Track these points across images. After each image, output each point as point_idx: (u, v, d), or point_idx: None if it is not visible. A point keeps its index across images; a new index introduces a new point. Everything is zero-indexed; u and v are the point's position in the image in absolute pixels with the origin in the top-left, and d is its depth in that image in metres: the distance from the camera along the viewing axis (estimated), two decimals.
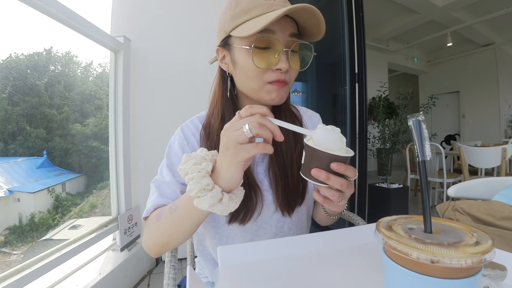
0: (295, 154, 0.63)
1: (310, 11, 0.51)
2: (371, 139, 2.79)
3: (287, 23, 0.54)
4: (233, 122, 0.42)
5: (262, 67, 0.54)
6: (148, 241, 0.54)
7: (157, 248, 0.53)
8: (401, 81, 7.56)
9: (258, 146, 0.41)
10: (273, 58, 0.54)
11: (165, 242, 0.52)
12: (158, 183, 0.59)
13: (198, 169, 0.43)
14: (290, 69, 0.56)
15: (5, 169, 1.57)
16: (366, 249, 0.49)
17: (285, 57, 0.54)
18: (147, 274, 1.87)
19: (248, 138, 0.40)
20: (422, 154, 0.34)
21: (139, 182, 1.91)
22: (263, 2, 0.52)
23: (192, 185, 0.42)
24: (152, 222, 0.53)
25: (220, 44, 0.60)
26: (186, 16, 2.02)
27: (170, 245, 0.52)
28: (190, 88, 2.01)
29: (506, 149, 2.99)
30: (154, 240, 0.53)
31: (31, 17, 1.28)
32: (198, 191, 0.42)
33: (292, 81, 0.60)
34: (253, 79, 0.56)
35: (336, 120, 2.25)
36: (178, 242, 0.52)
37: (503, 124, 6.16)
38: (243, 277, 0.43)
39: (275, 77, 0.55)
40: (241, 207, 0.59)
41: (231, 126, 0.42)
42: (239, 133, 0.40)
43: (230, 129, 0.42)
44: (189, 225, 0.49)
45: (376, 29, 5.45)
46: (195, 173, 0.43)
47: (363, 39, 2.01)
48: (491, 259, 0.24)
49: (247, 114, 0.42)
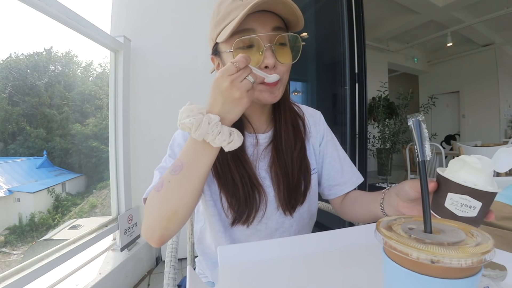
0: (295, 153, 0.63)
1: (281, 2, 0.50)
2: (371, 139, 2.80)
3: (268, 18, 0.53)
4: (232, 72, 0.44)
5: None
6: (149, 223, 0.48)
7: (162, 225, 0.47)
8: (401, 81, 7.55)
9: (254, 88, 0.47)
10: (258, 56, 0.53)
11: (171, 212, 0.46)
12: (162, 169, 0.60)
13: (191, 108, 0.45)
14: (278, 64, 0.55)
15: (5, 169, 1.57)
16: (366, 249, 0.49)
17: (269, 53, 0.53)
18: (147, 274, 1.87)
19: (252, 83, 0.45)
20: (422, 154, 0.34)
21: (139, 182, 1.91)
22: (241, 4, 0.51)
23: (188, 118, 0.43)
24: (154, 197, 0.49)
25: (212, 53, 0.62)
26: (186, 16, 2.02)
27: (177, 214, 0.46)
28: (190, 88, 2.01)
29: None
30: (157, 216, 0.47)
31: (31, 17, 1.28)
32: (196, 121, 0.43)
33: (286, 76, 0.58)
34: None
35: (336, 120, 2.25)
36: (186, 210, 0.47)
37: (503, 124, 6.16)
38: (243, 277, 0.43)
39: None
40: (244, 208, 0.59)
41: (235, 77, 0.44)
42: (246, 83, 0.44)
43: (236, 80, 0.44)
44: (199, 176, 0.47)
45: (376, 29, 5.44)
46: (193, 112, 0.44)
47: (363, 39, 2.01)
48: (491, 259, 0.24)
49: (239, 60, 0.44)
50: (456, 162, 0.37)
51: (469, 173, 0.34)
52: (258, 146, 0.65)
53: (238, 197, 0.59)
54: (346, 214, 0.71)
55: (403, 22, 5.04)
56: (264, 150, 0.65)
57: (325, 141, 0.72)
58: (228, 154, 0.58)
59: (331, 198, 0.74)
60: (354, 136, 2.02)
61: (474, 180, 0.34)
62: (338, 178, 0.71)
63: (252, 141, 0.64)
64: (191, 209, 0.48)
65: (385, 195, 0.55)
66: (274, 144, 0.64)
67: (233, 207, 0.60)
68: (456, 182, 0.35)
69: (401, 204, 0.50)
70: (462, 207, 0.35)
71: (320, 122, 0.74)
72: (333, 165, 0.71)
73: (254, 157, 0.63)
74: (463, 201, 0.35)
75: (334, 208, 0.76)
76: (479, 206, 0.33)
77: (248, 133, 0.64)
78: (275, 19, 0.54)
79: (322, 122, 0.74)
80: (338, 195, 0.72)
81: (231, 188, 0.59)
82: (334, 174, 0.71)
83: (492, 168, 0.34)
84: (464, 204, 0.35)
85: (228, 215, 0.61)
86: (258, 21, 0.52)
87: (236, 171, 0.59)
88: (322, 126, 0.74)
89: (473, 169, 0.34)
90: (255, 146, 0.64)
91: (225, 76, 0.44)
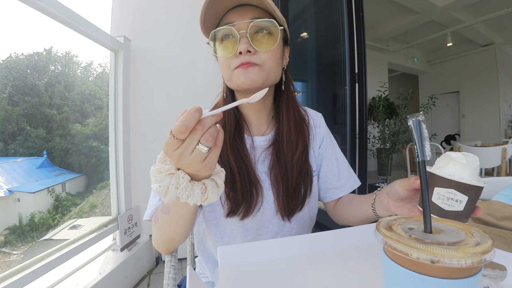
0: (295, 156, 0.63)
1: None
2: (371, 139, 2.80)
3: (247, 10, 0.57)
4: (175, 146, 0.34)
5: (223, 55, 0.58)
6: (156, 241, 0.55)
7: (165, 245, 0.55)
8: (401, 81, 7.55)
9: (217, 145, 0.37)
10: (234, 44, 0.56)
11: (169, 239, 0.53)
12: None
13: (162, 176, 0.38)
14: (256, 51, 0.56)
15: (5, 169, 1.57)
16: (366, 249, 0.49)
17: (244, 40, 0.55)
18: (147, 274, 1.87)
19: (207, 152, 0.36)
20: (422, 154, 0.34)
21: (139, 182, 1.91)
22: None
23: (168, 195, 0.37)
24: (154, 224, 0.55)
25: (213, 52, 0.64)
26: (186, 16, 2.02)
27: (175, 240, 0.53)
28: (190, 87, 2.01)
29: (506, 149, 2.99)
30: (160, 239, 0.54)
31: (31, 17, 1.28)
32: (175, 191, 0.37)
33: (267, 63, 0.57)
34: (224, 69, 0.60)
35: (336, 120, 2.25)
36: (182, 237, 0.53)
37: (503, 124, 6.15)
38: (243, 277, 0.43)
39: (239, 61, 0.57)
40: (241, 202, 0.60)
41: (181, 152, 0.35)
42: (196, 156, 0.35)
43: (183, 155, 0.35)
44: (184, 220, 0.49)
45: (376, 29, 5.44)
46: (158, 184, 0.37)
47: (363, 39, 2.01)
48: (491, 259, 0.24)
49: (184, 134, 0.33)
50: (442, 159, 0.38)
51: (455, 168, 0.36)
52: (255, 149, 0.64)
53: (235, 189, 0.59)
54: (338, 218, 0.71)
55: (403, 22, 5.04)
56: (263, 152, 0.64)
57: (325, 144, 0.72)
58: (227, 146, 0.60)
59: (326, 201, 0.74)
60: (354, 136, 2.02)
61: (460, 174, 0.35)
62: (334, 182, 0.71)
63: (250, 143, 0.64)
64: (186, 235, 0.53)
65: (376, 196, 0.56)
66: (275, 146, 0.64)
67: (230, 199, 0.60)
68: (442, 176, 0.36)
69: (392, 204, 0.50)
70: (448, 201, 0.36)
71: (321, 124, 0.74)
72: (330, 168, 0.71)
73: (252, 160, 0.63)
74: (449, 195, 0.36)
75: (327, 210, 0.76)
76: (465, 200, 0.34)
77: (246, 135, 0.65)
78: (255, 11, 0.57)
79: (322, 125, 0.74)
80: (333, 198, 0.72)
81: (230, 180, 0.59)
82: (331, 177, 0.71)
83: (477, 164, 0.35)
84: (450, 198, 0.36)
85: (224, 206, 0.61)
86: (238, 14, 0.56)
87: (234, 163, 0.60)
88: (323, 128, 0.74)
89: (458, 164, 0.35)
90: (252, 148, 0.64)
91: (170, 152, 0.35)
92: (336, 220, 0.73)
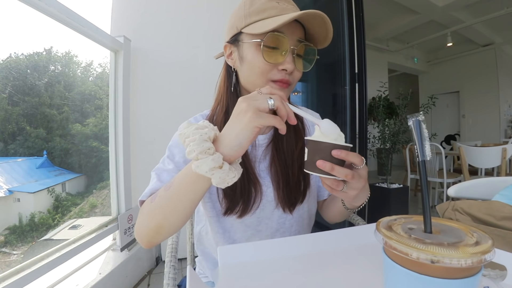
0: (296, 152, 0.64)
1: (321, 18, 0.53)
2: (371, 139, 2.79)
3: (296, 28, 0.56)
4: (253, 95, 0.44)
5: (270, 61, 0.55)
6: (140, 227, 0.51)
7: (149, 234, 0.49)
8: (401, 81, 7.55)
9: (276, 118, 0.42)
10: (280, 56, 0.55)
11: (157, 226, 0.48)
12: (159, 170, 0.59)
13: (200, 133, 0.42)
14: (294, 70, 0.58)
15: (5, 169, 1.57)
16: (366, 249, 0.49)
17: (291, 58, 0.56)
18: (147, 274, 1.87)
19: (269, 108, 0.42)
20: (422, 154, 0.34)
21: (139, 182, 1.91)
22: (276, 5, 0.55)
23: (192, 146, 0.40)
24: (146, 206, 0.51)
25: (230, 41, 0.62)
26: (186, 16, 2.02)
27: (162, 229, 0.48)
28: (190, 87, 2.01)
29: (506, 149, 2.99)
30: (146, 225, 0.49)
31: (31, 17, 1.28)
32: (199, 153, 0.40)
33: (295, 83, 0.61)
34: (258, 75, 0.57)
35: (336, 120, 2.24)
36: (171, 227, 0.48)
37: (503, 124, 6.15)
38: (243, 277, 0.43)
39: (280, 76, 0.57)
40: (239, 200, 0.60)
41: (251, 96, 0.43)
42: (261, 101, 0.42)
43: (251, 98, 0.43)
44: (184, 202, 0.46)
45: (376, 29, 5.44)
46: (197, 136, 0.41)
47: (363, 39, 2.01)
48: (491, 259, 0.24)
49: (268, 92, 0.44)
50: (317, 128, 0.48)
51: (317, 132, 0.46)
52: (257, 147, 0.65)
53: (233, 187, 0.59)
54: (325, 215, 0.73)
55: (403, 22, 5.04)
56: (264, 150, 0.65)
57: None
58: None
59: (318, 200, 0.75)
60: (354, 136, 2.02)
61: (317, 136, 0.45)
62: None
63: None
64: (175, 227, 0.49)
65: None
66: (275, 142, 0.65)
67: (227, 196, 0.60)
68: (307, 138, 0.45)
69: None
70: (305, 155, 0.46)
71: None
72: None
73: (252, 159, 0.63)
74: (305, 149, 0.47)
75: (319, 210, 0.77)
76: (307, 151, 0.45)
77: None
78: (302, 32, 0.58)
79: None
80: (324, 197, 0.74)
81: None
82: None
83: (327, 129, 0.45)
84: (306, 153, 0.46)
85: (222, 204, 0.61)
86: (289, 28, 0.55)
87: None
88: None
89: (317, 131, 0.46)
90: (253, 147, 0.64)
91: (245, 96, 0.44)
92: (325, 218, 0.74)
